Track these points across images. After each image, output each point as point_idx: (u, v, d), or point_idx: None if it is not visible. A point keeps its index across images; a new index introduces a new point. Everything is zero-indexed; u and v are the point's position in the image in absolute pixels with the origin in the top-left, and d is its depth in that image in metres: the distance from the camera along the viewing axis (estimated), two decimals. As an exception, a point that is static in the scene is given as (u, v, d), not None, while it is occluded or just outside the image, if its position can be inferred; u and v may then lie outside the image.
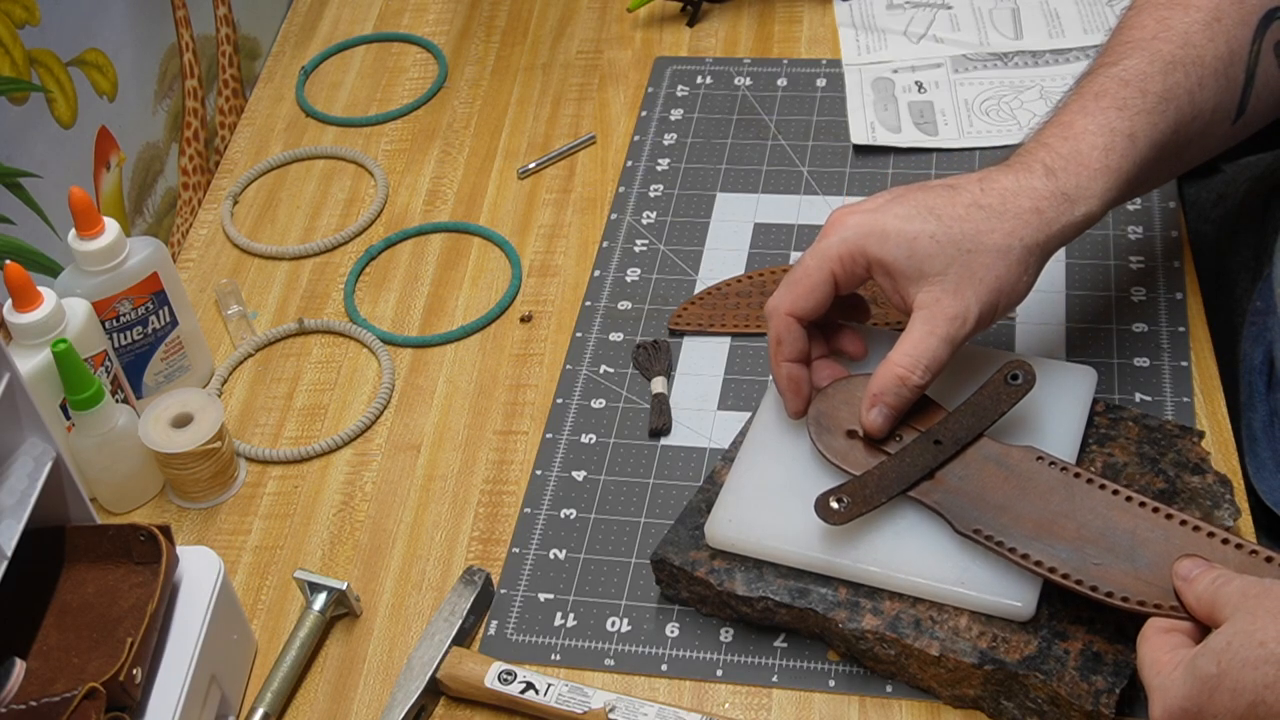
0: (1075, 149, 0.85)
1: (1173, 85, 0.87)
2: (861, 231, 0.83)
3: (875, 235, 0.83)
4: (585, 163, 1.20)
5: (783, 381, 0.87)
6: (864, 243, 0.83)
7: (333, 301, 1.11)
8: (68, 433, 0.93)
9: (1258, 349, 0.99)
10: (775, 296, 0.86)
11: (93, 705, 0.72)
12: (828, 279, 0.84)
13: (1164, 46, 0.88)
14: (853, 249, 0.83)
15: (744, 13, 1.32)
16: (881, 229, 0.83)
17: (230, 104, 1.30)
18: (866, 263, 0.84)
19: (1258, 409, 0.98)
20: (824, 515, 0.82)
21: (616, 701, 0.81)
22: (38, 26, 1.00)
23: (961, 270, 0.82)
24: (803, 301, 0.85)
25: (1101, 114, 0.86)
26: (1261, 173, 1.13)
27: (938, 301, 0.82)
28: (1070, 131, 0.86)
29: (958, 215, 0.83)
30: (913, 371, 0.83)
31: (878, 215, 0.83)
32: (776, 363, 0.87)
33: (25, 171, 0.99)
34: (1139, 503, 0.80)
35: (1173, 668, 0.72)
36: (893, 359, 0.83)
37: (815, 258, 0.84)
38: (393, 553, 0.94)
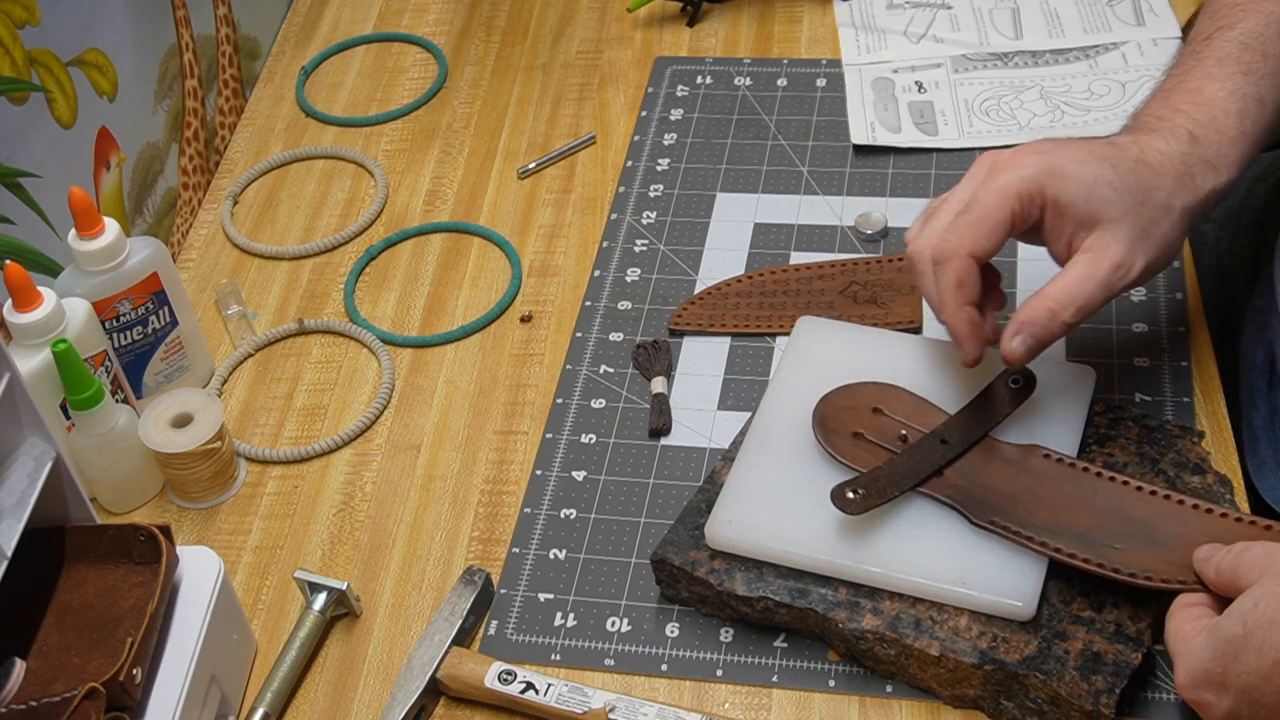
0: (1211, 115, 0.84)
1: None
2: (1042, 170, 0.81)
3: (1055, 175, 0.81)
4: (585, 163, 1.19)
5: (964, 326, 0.83)
6: (1045, 181, 0.81)
7: (333, 301, 1.11)
8: (68, 433, 0.93)
9: (1258, 348, 0.99)
10: (949, 236, 0.81)
11: (93, 705, 0.72)
12: (1008, 217, 0.81)
13: (1275, 7, 0.87)
14: (1032, 187, 0.81)
15: (744, 13, 1.32)
16: (1062, 169, 0.81)
17: (230, 104, 1.30)
18: (1044, 202, 0.81)
19: (1259, 407, 0.98)
20: (841, 505, 0.82)
21: (616, 701, 0.81)
22: (38, 26, 1.00)
23: (1134, 220, 0.81)
24: (985, 241, 0.81)
25: (1229, 80, 0.85)
26: (1262, 172, 1.13)
27: (1107, 247, 0.81)
28: (1202, 98, 0.85)
29: (1129, 167, 0.82)
30: (1066, 307, 0.81)
31: (1053, 156, 0.81)
32: (958, 305, 0.82)
33: (25, 171, 0.99)
34: (1149, 491, 0.81)
35: (1195, 634, 0.72)
36: (1048, 292, 0.81)
37: (995, 195, 0.81)
38: (393, 553, 0.94)
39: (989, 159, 0.84)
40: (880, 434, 0.87)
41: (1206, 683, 0.71)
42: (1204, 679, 0.71)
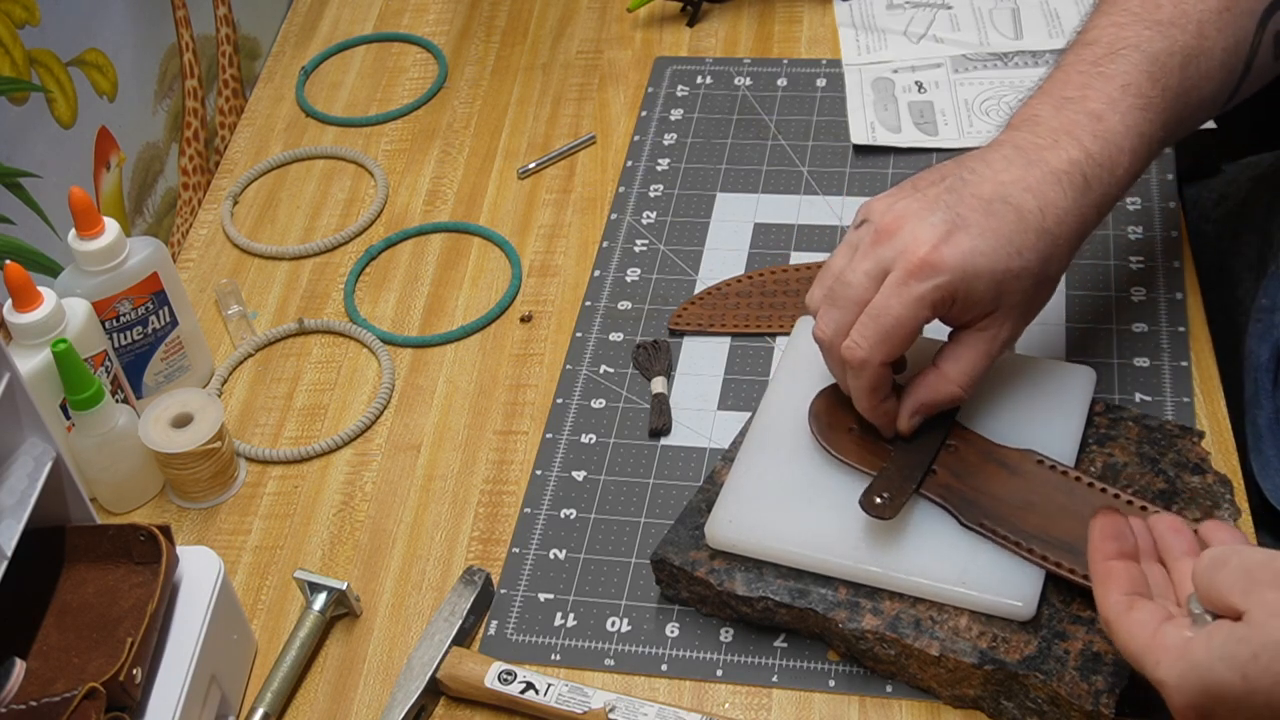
0: (1108, 154, 0.83)
1: (1186, 80, 0.86)
2: (957, 276, 0.79)
3: (967, 282, 0.80)
4: (585, 163, 1.19)
5: (882, 419, 0.85)
6: (954, 290, 0.80)
7: (333, 301, 1.11)
8: (68, 433, 0.93)
9: (1264, 346, 0.99)
10: (864, 345, 0.81)
11: (93, 705, 0.72)
12: (920, 328, 0.81)
13: (1180, 35, 0.86)
14: (947, 295, 0.80)
15: (744, 13, 1.31)
16: (975, 271, 0.80)
17: (230, 104, 1.30)
18: (952, 302, 0.81)
19: (1263, 406, 0.98)
20: (876, 513, 0.82)
21: (616, 701, 0.81)
22: (38, 26, 1.00)
23: (1027, 302, 0.83)
24: (897, 352, 0.82)
25: (1130, 113, 0.84)
26: (1264, 172, 1.13)
27: (1001, 327, 0.83)
28: (1102, 128, 0.84)
29: (1030, 244, 0.81)
30: (967, 390, 0.84)
31: (967, 255, 0.79)
32: (874, 406, 0.84)
33: (25, 171, 0.99)
34: (1139, 505, 0.81)
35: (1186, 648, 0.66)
36: (949, 375, 0.83)
37: (909, 307, 0.80)
38: (393, 553, 0.94)
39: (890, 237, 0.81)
40: (874, 429, 0.87)
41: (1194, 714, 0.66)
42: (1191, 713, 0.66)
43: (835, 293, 0.82)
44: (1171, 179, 1.09)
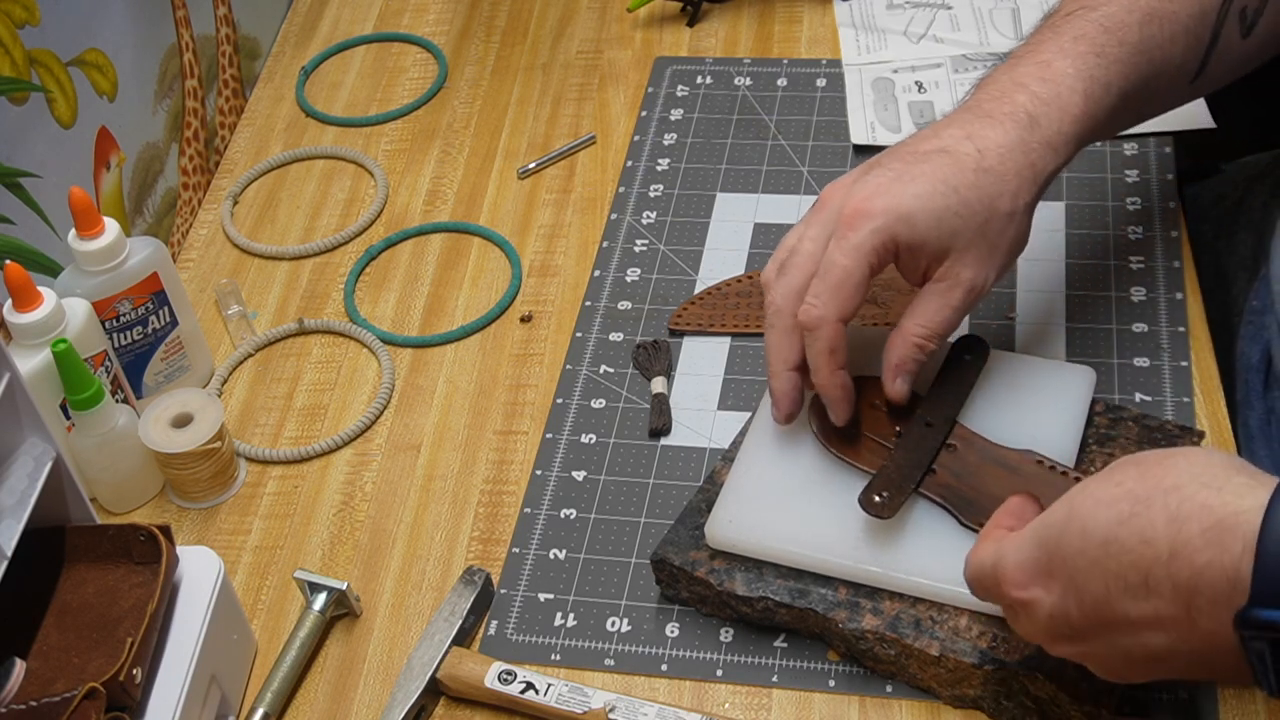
0: (1056, 93, 0.84)
1: (1148, 37, 0.86)
2: (890, 218, 0.81)
3: (904, 220, 0.81)
4: (585, 163, 1.19)
5: (837, 391, 0.84)
6: (894, 231, 0.81)
7: (333, 301, 1.11)
8: (68, 433, 0.93)
9: (1255, 347, 0.99)
10: (817, 304, 0.82)
11: (93, 705, 0.72)
12: (867, 275, 0.82)
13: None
14: (885, 239, 0.81)
15: (744, 13, 1.32)
16: (908, 212, 0.81)
17: (230, 104, 1.30)
18: (897, 249, 0.82)
19: (1254, 407, 0.98)
20: (875, 511, 0.82)
21: (616, 701, 0.81)
22: (38, 26, 1.00)
23: (980, 241, 0.82)
24: (849, 304, 0.82)
25: (1081, 59, 0.85)
26: (1260, 172, 1.13)
27: (959, 275, 0.83)
28: (1049, 73, 0.85)
29: (969, 183, 0.82)
30: (930, 340, 0.84)
31: (898, 199, 0.81)
32: (832, 372, 0.83)
33: (25, 171, 0.99)
34: None
35: (1018, 534, 0.69)
36: (908, 329, 0.84)
37: (850, 256, 0.81)
38: (393, 553, 0.94)
39: (834, 200, 0.84)
40: (875, 428, 0.87)
41: (1031, 578, 0.68)
42: (1029, 574, 0.68)
43: (786, 263, 0.85)
44: (1171, 179, 1.09)
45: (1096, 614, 0.65)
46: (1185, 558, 0.60)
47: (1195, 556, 0.60)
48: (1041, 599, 0.67)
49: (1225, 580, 0.59)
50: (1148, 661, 0.65)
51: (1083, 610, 0.65)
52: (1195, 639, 0.62)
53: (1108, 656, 0.67)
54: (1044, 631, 0.69)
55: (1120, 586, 0.63)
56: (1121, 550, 0.62)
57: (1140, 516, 0.62)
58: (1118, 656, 0.66)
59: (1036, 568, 0.67)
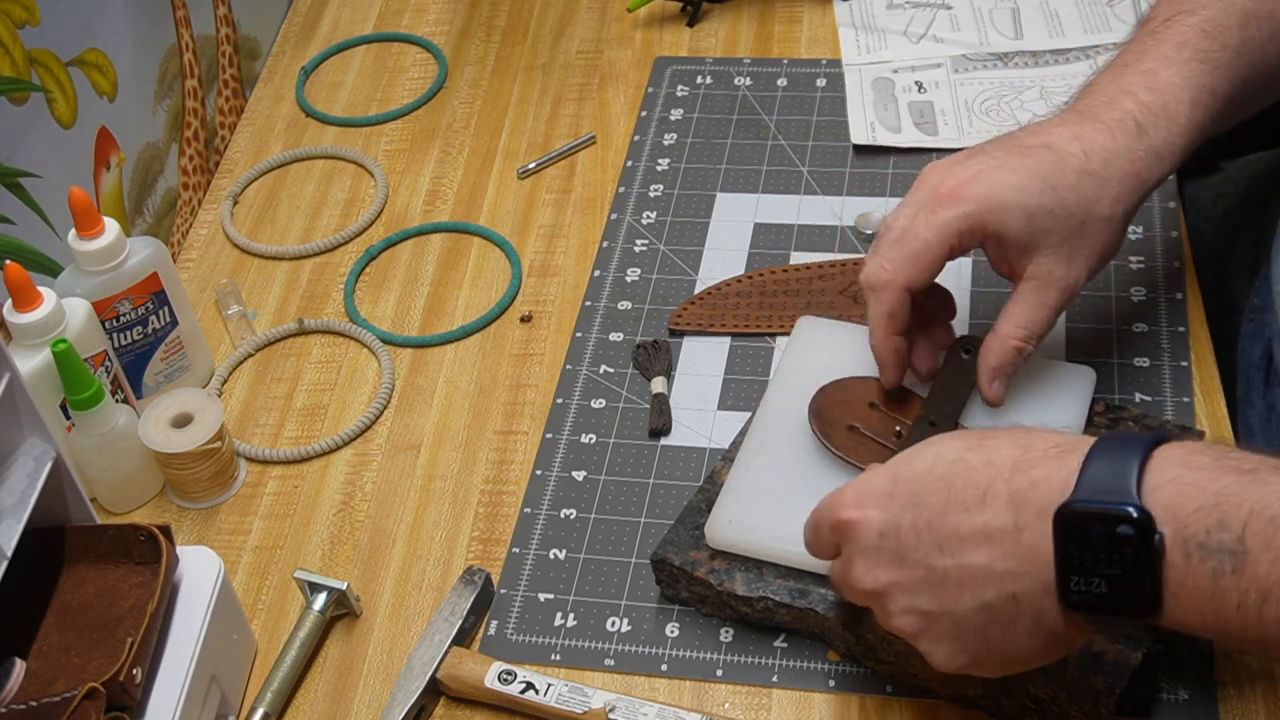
0: (1164, 103, 0.84)
1: (1248, 39, 0.86)
2: (983, 206, 0.81)
3: (996, 209, 0.81)
4: (585, 163, 1.19)
5: (889, 355, 0.85)
6: (983, 219, 0.81)
7: (333, 301, 1.11)
8: (68, 433, 0.93)
9: (1256, 345, 0.99)
10: (888, 267, 0.82)
11: (93, 705, 0.72)
12: (945, 254, 0.82)
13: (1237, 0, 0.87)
14: (973, 225, 0.81)
15: (744, 13, 1.32)
16: (1001, 202, 0.81)
17: (230, 104, 1.30)
18: (984, 236, 0.82)
19: (1255, 405, 0.98)
20: None
21: (616, 701, 0.81)
22: (38, 26, 1.00)
23: (1075, 242, 0.82)
24: (920, 275, 0.82)
25: (1186, 66, 0.85)
26: (1261, 171, 1.13)
27: (1050, 273, 0.83)
28: (1156, 82, 0.84)
29: (1070, 184, 0.82)
30: (1028, 341, 0.84)
31: (995, 188, 0.81)
32: (887, 335, 0.84)
33: (25, 171, 0.99)
34: None
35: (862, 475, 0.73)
36: (1006, 332, 0.84)
37: (935, 231, 0.81)
38: (393, 553, 0.94)
39: (932, 179, 0.84)
40: (876, 428, 0.87)
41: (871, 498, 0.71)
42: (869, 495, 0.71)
43: (880, 239, 0.85)
44: (1172, 179, 1.09)
45: (929, 527, 0.68)
46: (1025, 471, 0.66)
47: (1034, 470, 0.66)
48: (873, 518, 0.70)
49: (1057, 488, 0.64)
50: (959, 587, 0.67)
51: (916, 524, 0.69)
52: (1016, 554, 0.65)
53: (922, 582, 0.69)
54: (865, 551, 0.71)
55: (959, 500, 0.67)
56: (966, 468, 0.68)
57: (988, 444, 0.68)
58: (932, 583, 0.68)
59: (878, 489, 0.71)
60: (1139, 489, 0.62)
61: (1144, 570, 0.61)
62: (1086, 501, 0.63)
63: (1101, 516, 0.62)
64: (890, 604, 0.71)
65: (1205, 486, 0.61)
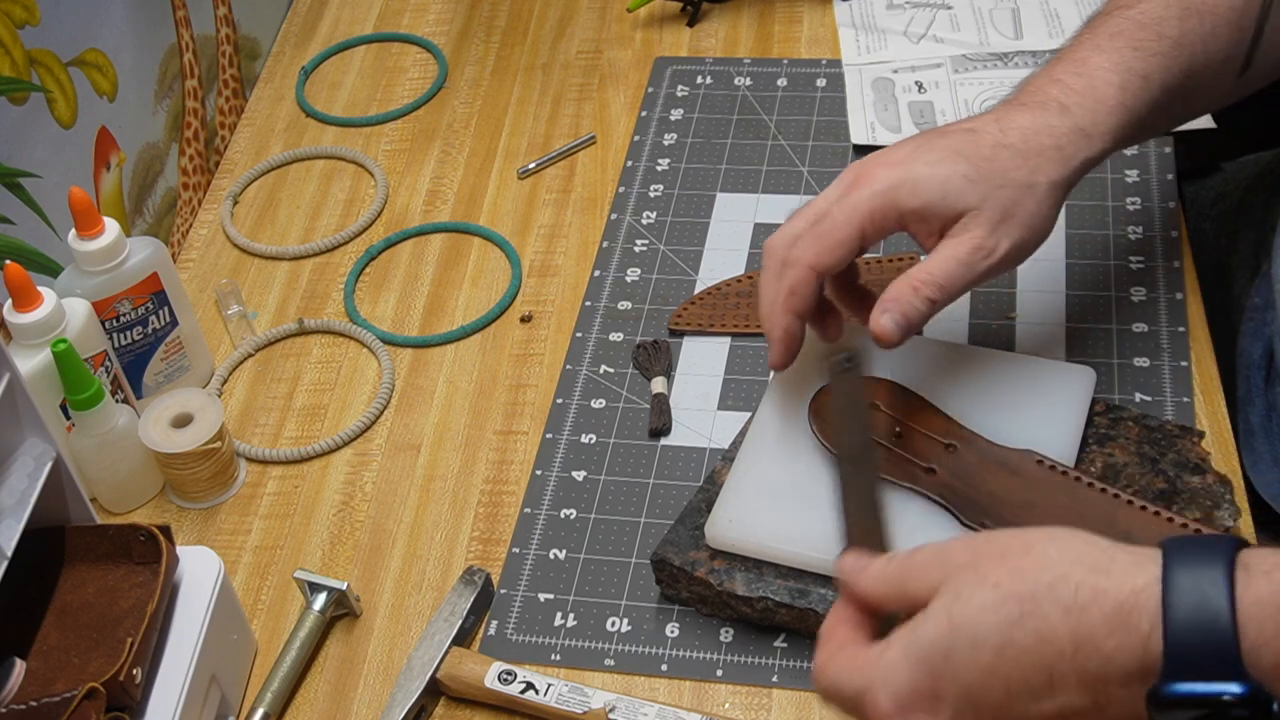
0: (1090, 84, 0.84)
1: (1187, 31, 0.86)
2: (892, 183, 0.81)
3: (907, 185, 0.81)
4: (585, 163, 1.19)
5: (778, 332, 0.84)
6: (895, 195, 0.81)
7: (333, 301, 1.11)
8: (68, 433, 0.93)
9: (1257, 344, 0.99)
10: (796, 245, 0.82)
11: (93, 705, 0.72)
12: (856, 234, 0.81)
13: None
14: (884, 203, 0.81)
15: (744, 13, 1.32)
16: (913, 178, 0.81)
17: (230, 104, 1.30)
18: (898, 215, 0.82)
19: (1255, 404, 0.98)
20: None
21: (616, 701, 0.81)
22: (38, 26, 1.00)
23: (993, 206, 0.82)
24: (827, 256, 0.82)
25: (1117, 53, 0.85)
26: (1261, 171, 1.13)
27: (966, 230, 0.82)
28: (1085, 68, 0.85)
29: (984, 155, 0.82)
30: (926, 284, 0.81)
31: (907, 165, 0.82)
32: (782, 312, 0.83)
33: (25, 171, 0.99)
34: (1139, 506, 0.81)
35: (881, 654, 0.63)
36: (911, 272, 0.82)
37: (844, 211, 0.81)
38: (393, 553, 0.94)
39: (855, 168, 0.84)
40: (875, 428, 0.87)
41: (916, 703, 0.62)
42: (913, 699, 0.62)
43: (797, 213, 0.84)
44: (1171, 179, 1.09)
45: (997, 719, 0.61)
46: (1091, 647, 0.58)
47: (1102, 644, 0.58)
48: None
49: (1135, 662, 0.57)
50: None
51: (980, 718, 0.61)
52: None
53: None
54: None
55: (1023, 690, 0.60)
56: (1020, 653, 0.59)
57: (1033, 615, 0.59)
58: None
59: (917, 693, 0.62)
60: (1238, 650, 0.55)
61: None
62: (1183, 687, 0.56)
63: (1206, 703, 0.55)
64: None
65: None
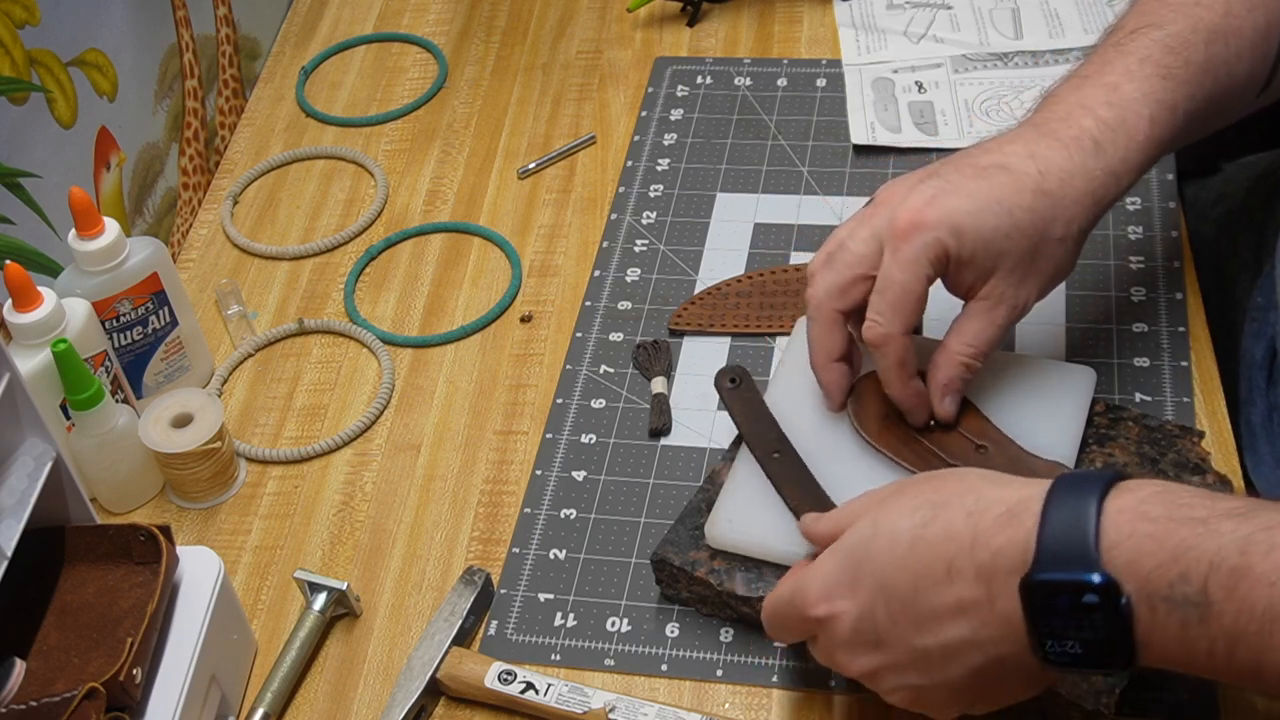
0: (1122, 118, 0.83)
1: (1213, 56, 0.86)
2: (943, 231, 0.81)
3: (955, 234, 0.81)
4: (585, 163, 1.20)
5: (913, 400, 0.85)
6: (948, 243, 0.81)
7: (333, 301, 1.11)
8: (68, 433, 0.93)
9: (1259, 344, 0.99)
10: (882, 322, 0.82)
11: (93, 705, 0.72)
12: (926, 289, 0.82)
13: (1206, 14, 0.87)
14: (940, 252, 0.81)
15: (744, 13, 1.32)
16: (959, 227, 0.81)
17: (230, 104, 1.30)
18: (949, 260, 0.82)
19: (1257, 404, 0.98)
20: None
21: (616, 701, 0.81)
22: (38, 26, 1.00)
23: (1028, 264, 0.82)
24: (913, 319, 0.82)
25: (1146, 81, 0.84)
26: (1262, 172, 1.13)
27: (1002, 294, 0.82)
28: (1116, 97, 0.84)
29: (1024, 205, 0.81)
30: (976, 358, 0.84)
31: (949, 212, 0.81)
32: (904, 383, 0.84)
33: (25, 171, 0.99)
34: None
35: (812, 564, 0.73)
36: (955, 348, 0.84)
37: (907, 270, 0.81)
38: (393, 553, 0.94)
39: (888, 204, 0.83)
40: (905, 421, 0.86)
41: (837, 590, 0.71)
42: (834, 587, 0.71)
43: (834, 256, 0.84)
44: (1172, 179, 1.09)
45: (903, 611, 0.68)
46: (984, 542, 0.66)
47: (993, 539, 0.66)
48: (846, 609, 0.71)
49: (1019, 556, 0.64)
50: (945, 660, 0.68)
51: (890, 610, 0.69)
52: (993, 622, 0.66)
53: (908, 663, 0.69)
54: (846, 643, 0.71)
55: (927, 581, 0.67)
56: (928, 548, 0.68)
57: (941, 517, 0.68)
58: (917, 661, 0.69)
59: (841, 581, 0.71)
60: (1097, 547, 0.62)
61: (1115, 630, 0.62)
62: (1048, 575, 0.63)
63: (1066, 588, 0.62)
64: (881, 684, 0.72)
65: (1163, 540, 0.61)
